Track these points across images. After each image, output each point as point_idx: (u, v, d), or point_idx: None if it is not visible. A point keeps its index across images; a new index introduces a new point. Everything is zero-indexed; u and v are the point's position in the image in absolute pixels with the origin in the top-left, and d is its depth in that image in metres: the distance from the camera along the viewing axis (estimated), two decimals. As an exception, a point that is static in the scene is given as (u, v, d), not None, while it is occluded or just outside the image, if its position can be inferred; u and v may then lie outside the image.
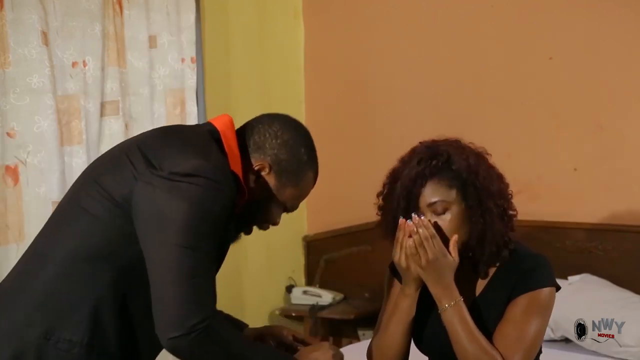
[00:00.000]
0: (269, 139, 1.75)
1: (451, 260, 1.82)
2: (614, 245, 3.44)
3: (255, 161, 1.74)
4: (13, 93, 2.86)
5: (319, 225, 4.33)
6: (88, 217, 1.62)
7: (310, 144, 1.82)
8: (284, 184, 1.75)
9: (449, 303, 1.82)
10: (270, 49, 4.20)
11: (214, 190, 1.58)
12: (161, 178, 1.58)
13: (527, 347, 1.82)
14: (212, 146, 1.68)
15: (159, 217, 1.56)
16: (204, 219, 1.56)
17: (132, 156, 1.64)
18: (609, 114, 3.56)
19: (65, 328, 1.59)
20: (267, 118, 1.80)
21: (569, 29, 3.63)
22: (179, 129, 1.82)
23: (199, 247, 1.55)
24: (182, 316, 1.52)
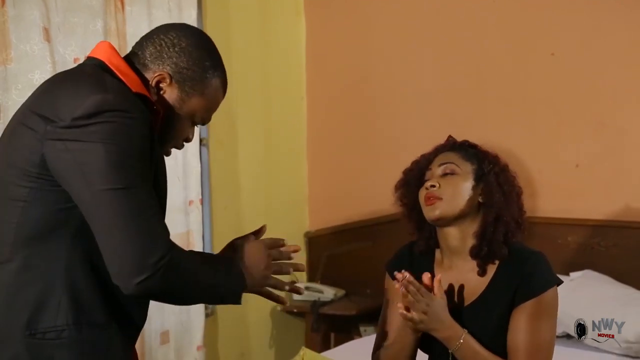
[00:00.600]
0: (166, 47, 1.62)
1: (439, 300, 1.85)
2: (615, 241, 3.44)
3: (153, 73, 1.61)
4: (15, 89, 2.86)
5: (321, 222, 4.33)
6: (15, 203, 1.53)
7: (213, 49, 1.68)
8: (188, 93, 1.63)
9: (458, 341, 1.85)
10: (271, 45, 4.20)
11: (125, 121, 1.48)
12: (65, 129, 1.47)
13: (545, 355, 1.85)
14: (104, 77, 1.55)
15: (81, 168, 1.46)
16: (126, 154, 1.47)
17: (27, 121, 1.54)
18: (611, 111, 3.56)
19: (45, 317, 1.52)
20: (162, 28, 1.67)
21: (571, 26, 3.63)
22: (63, 75, 1.66)
23: (131, 184, 1.46)
24: (141, 258, 1.44)
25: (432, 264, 2.00)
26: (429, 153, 1.99)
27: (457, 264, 1.95)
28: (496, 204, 1.89)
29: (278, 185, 4.22)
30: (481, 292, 1.91)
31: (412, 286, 1.83)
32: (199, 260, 1.59)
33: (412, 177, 1.98)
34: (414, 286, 1.83)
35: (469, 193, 1.90)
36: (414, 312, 1.83)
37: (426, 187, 1.91)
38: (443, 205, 1.88)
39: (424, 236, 2.00)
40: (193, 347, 3.53)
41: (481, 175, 1.91)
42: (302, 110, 4.38)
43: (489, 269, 1.92)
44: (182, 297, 1.62)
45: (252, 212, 4.02)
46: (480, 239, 1.91)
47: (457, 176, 1.90)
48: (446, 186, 1.89)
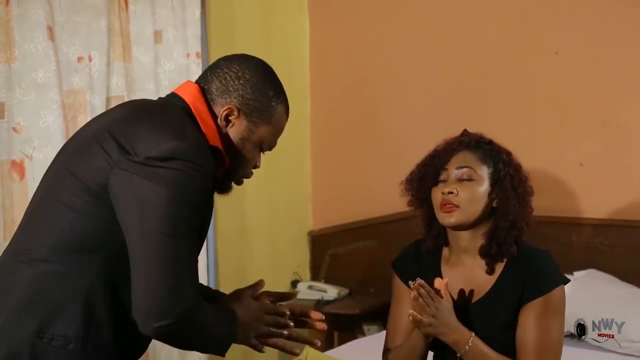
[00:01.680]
0: (231, 81, 1.69)
1: (446, 303, 1.86)
2: (619, 240, 3.44)
3: (221, 107, 1.68)
4: (19, 88, 2.86)
5: (324, 221, 4.33)
6: (67, 211, 1.58)
7: (274, 78, 1.76)
8: (256, 123, 1.70)
9: (467, 344, 1.85)
10: (275, 44, 4.20)
11: (192, 172, 1.53)
12: (137, 164, 1.53)
13: (554, 353, 1.86)
14: (186, 123, 1.62)
15: (139, 205, 1.51)
16: (185, 204, 1.53)
17: (104, 142, 1.58)
18: (615, 109, 3.55)
19: (58, 324, 1.55)
20: (224, 62, 1.73)
21: (574, 25, 3.62)
22: (148, 107, 1.71)
23: (181, 233, 1.52)
24: (169, 305, 1.50)
25: (439, 262, 2.00)
26: (445, 150, 1.96)
27: (465, 262, 1.95)
28: (512, 212, 1.90)
29: (281, 184, 4.21)
30: (489, 290, 1.92)
31: (424, 289, 1.84)
32: (212, 313, 1.64)
33: (426, 174, 1.96)
34: (425, 289, 1.84)
35: (485, 200, 1.90)
36: (424, 315, 1.83)
37: (443, 192, 1.90)
38: (459, 214, 1.88)
39: (432, 235, 2.00)
40: (197, 346, 3.53)
41: (497, 178, 1.91)
42: (306, 109, 4.38)
43: (497, 267, 1.92)
44: (193, 346, 1.65)
45: (256, 211, 4.02)
46: (490, 240, 1.91)
47: (474, 182, 1.90)
48: (463, 193, 1.88)
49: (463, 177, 1.90)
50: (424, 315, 1.83)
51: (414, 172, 2.00)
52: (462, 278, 1.95)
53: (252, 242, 4.05)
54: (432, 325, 1.84)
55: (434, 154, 1.97)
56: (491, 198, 1.91)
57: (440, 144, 1.99)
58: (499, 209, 1.91)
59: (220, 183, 1.72)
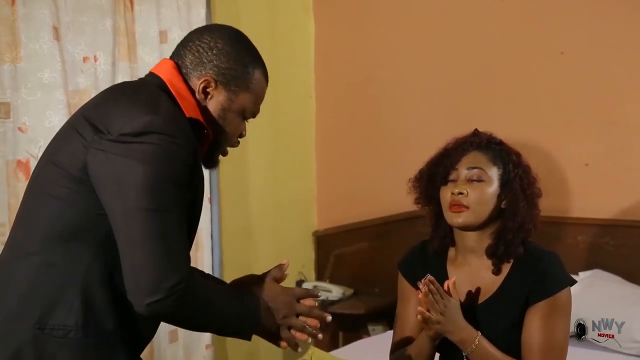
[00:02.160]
0: (204, 52, 1.66)
1: (454, 301, 1.86)
2: (625, 240, 3.43)
3: (197, 80, 1.65)
4: (25, 88, 2.87)
5: (329, 221, 4.33)
6: (52, 201, 1.58)
7: (248, 44, 1.73)
8: (235, 92, 1.68)
9: (473, 344, 1.86)
10: (280, 44, 4.20)
11: (168, 145, 1.51)
12: (111, 142, 1.51)
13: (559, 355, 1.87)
14: (160, 97, 1.60)
15: (117, 183, 1.50)
16: (163, 177, 1.50)
17: (79, 126, 1.58)
18: (620, 109, 3.54)
19: (57, 314, 1.54)
20: (196, 33, 1.71)
21: (580, 24, 3.62)
22: (122, 87, 1.72)
23: (163, 207, 1.49)
24: (158, 280, 1.47)
25: (445, 262, 2.00)
26: (455, 149, 1.95)
27: (471, 262, 1.96)
28: (520, 213, 1.90)
29: (286, 184, 4.22)
30: (495, 290, 1.92)
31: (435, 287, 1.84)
32: (216, 290, 1.62)
33: (436, 173, 1.96)
34: (435, 286, 1.84)
35: (494, 201, 1.90)
36: (432, 312, 1.83)
37: (452, 192, 1.90)
38: (468, 214, 1.89)
39: (439, 234, 2.00)
40: (202, 346, 3.54)
41: (506, 180, 1.91)
42: (311, 109, 4.38)
43: (504, 267, 1.92)
44: (192, 324, 1.64)
45: (261, 211, 4.03)
46: (497, 240, 1.91)
47: (484, 183, 1.90)
48: (472, 193, 1.88)
49: (473, 178, 1.90)
50: (432, 312, 1.83)
51: (424, 170, 2.00)
52: (469, 278, 1.95)
53: (257, 242, 4.05)
54: (440, 322, 1.84)
55: (444, 153, 1.96)
56: (500, 199, 1.91)
57: (450, 143, 1.98)
58: (508, 210, 1.91)
59: (206, 156, 1.71)
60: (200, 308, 1.56)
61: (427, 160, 2.00)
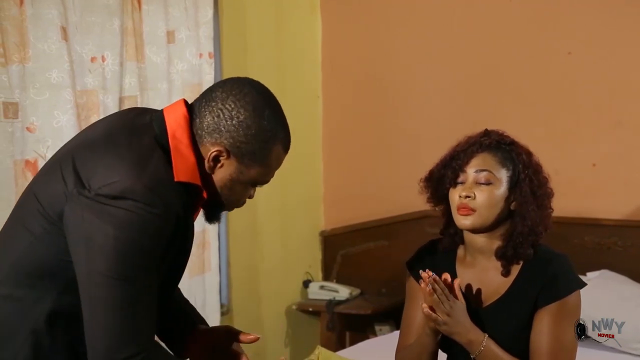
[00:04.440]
0: (223, 120, 1.56)
1: (460, 303, 1.85)
2: (633, 241, 3.42)
3: (211, 146, 1.56)
4: (33, 88, 2.87)
5: (336, 221, 4.33)
6: (26, 234, 1.54)
7: (272, 116, 1.60)
8: (248, 165, 1.59)
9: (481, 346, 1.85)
10: (287, 44, 4.20)
11: (143, 213, 1.45)
12: (88, 199, 1.47)
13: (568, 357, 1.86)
14: (152, 157, 1.52)
15: (87, 244, 1.46)
16: (134, 247, 1.45)
17: (65, 169, 1.53)
18: (628, 110, 3.54)
19: (6, 351, 1.52)
20: (221, 93, 1.59)
21: (588, 24, 3.61)
22: (117, 133, 1.58)
23: (130, 276, 1.45)
24: (112, 350, 1.44)
25: (454, 262, 1.99)
26: (464, 151, 1.93)
27: (480, 262, 1.95)
28: (530, 217, 1.88)
29: (293, 184, 4.22)
30: (504, 292, 1.90)
31: (439, 286, 1.83)
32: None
33: (445, 174, 1.94)
34: (440, 286, 1.83)
35: (502, 203, 1.89)
36: (438, 312, 1.83)
37: (460, 195, 1.89)
38: (476, 217, 1.87)
39: (449, 232, 1.99)
40: (208, 346, 3.54)
41: (515, 182, 1.90)
42: (318, 108, 4.38)
43: (513, 269, 1.91)
44: None
45: (268, 210, 4.03)
46: (507, 242, 1.90)
47: (492, 186, 1.88)
48: (480, 196, 1.87)
49: (481, 181, 1.88)
50: (438, 312, 1.83)
51: (433, 171, 1.99)
52: (477, 279, 1.94)
53: (264, 242, 4.06)
54: (447, 324, 1.83)
55: (454, 155, 1.94)
56: (509, 201, 1.89)
57: (461, 142, 1.97)
58: (517, 213, 1.89)
59: (207, 212, 1.66)
60: None
61: (438, 161, 1.99)
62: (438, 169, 1.97)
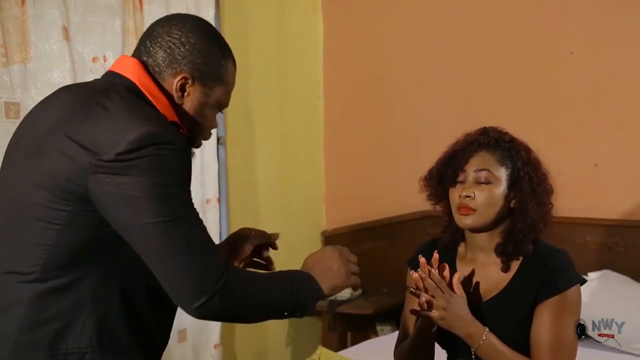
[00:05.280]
0: (176, 49, 1.60)
1: (458, 297, 1.85)
2: (634, 241, 3.42)
3: (173, 78, 1.60)
4: (34, 88, 2.88)
5: (337, 221, 4.33)
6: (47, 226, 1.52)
7: (217, 35, 1.69)
8: (210, 86, 1.63)
9: (480, 339, 1.85)
10: (289, 44, 4.20)
11: (167, 152, 1.49)
12: (110, 163, 1.47)
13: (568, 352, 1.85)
14: (141, 106, 1.55)
15: (128, 203, 1.47)
16: (171, 186, 1.49)
17: (62, 146, 1.51)
18: (629, 110, 3.54)
19: (69, 338, 1.52)
20: (161, 28, 1.63)
21: (589, 24, 3.61)
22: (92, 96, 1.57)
23: (179, 214, 1.49)
24: (198, 284, 1.48)
25: (454, 258, 2.00)
26: (463, 150, 1.94)
27: (480, 259, 1.96)
28: (530, 214, 1.89)
29: (295, 184, 4.22)
30: (504, 287, 1.91)
31: (433, 278, 1.83)
32: (259, 278, 1.62)
33: (444, 174, 1.95)
34: (434, 279, 1.83)
35: (502, 202, 1.89)
36: (434, 308, 1.83)
37: (460, 194, 1.90)
38: (476, 217, 1.88)
39: (450, 230, 2.00)
40: (210, 345, 3.54)
41: (515, 179, 1.90)
42: (319, 109, 4.38)
43: (513, 264, 1.92)
44: (246, 316, 1.64)
45: (269, 210, 4.03)
46: (507, 239, 1.91)
47: (492, 185, 1.89)
48: (480, 196, 1.88)
49: (481, 180, 1.89)
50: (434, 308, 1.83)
51: (433, 170, 1.99)
52: (477, 274, 1.95)
53: (266, 242, 4.05)
54: (444, 318, 1.84)
55: (453, 154, 1.95)
56: (509, 199, 1.90)
57: (459, 141, 1.97)
58: (517, 211, 1.90)
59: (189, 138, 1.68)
60: (248, 298, 1.56)
61: (437, 160, 2.00)
62: (437, 168, 1.97)
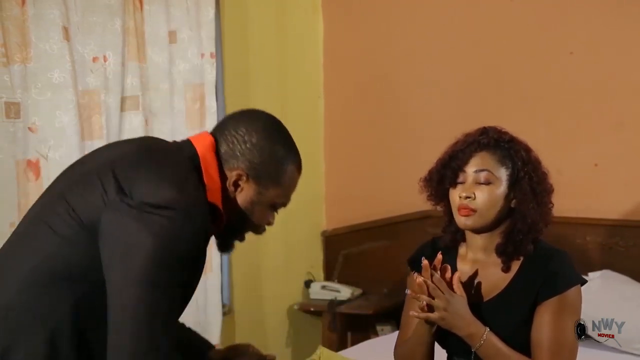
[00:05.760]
0: (238, 145, 1.66)
1: (458, 297, 1.85)
2: (635, 241, 3.42)
3: (230, 172, 1.66)
4: (34, 88, 2.88)
5: (338, 221, 4.33)
6: (53, 236, 1.56)
7: (282, 137, 1.71)
8: (265, 186, 1.68)
9: (480, 339, 1.85)
10: (289, 44, 4.20)
11: (184, 225, 1.50)
12: (131, 207, 1.50)
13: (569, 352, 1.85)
14: (190, 176, 1.60)
15: (125, 248, 1.49)
16: (170, 256, 1.49)
17: (104, 178, 1.56)
18: (630, 110, 3.53)
19: (21, 350, 1.52)
20: (232, 122, 1.70)
21: (590, 24, 3.61)
22: (157, 151, 1.67)
23: (161, 284, 1.48)
24: (136, 357, 1.46)
25: (455, 258, 2.00)
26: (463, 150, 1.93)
27: (481, 259, 1.96)
28: (530, 215, 1.89)
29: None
30: (504, 287, 1.91)
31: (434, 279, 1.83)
32: None
33: (444, 175, 1.95)
34: (434, 280, 1.83)
35: (503, 202, 1.89)
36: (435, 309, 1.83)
37: (460, 195, 1.90)
38: (477, 217, 1.88)
39: (451, 230, 2.00)
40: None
41: (515, 179, 1.90)
42: (320, 108, 4.38)
43: (513, 265, 1.92)
44: None
45: (269, 210, 4.02)
46: (507, 240, 1.91)
47: (492, 185, 1.88)
48: (481, 196, 1.88)
49: (481, 181, 1.89)
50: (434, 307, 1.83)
51: (433, 171, 1.99)
52: (478, 275, 1.95)
53: (266, 242, 4.04)
54: (445, 318, 1.84)
55: (452, 154, 1.95)
56: (509, 200, 1.90)
57: (459, 141, 1.97)
58: (517, 211, 1.90)
59: (221, 240, 1.72)
60: None
61: (436, 160, 1.99)
62: (437, 169, 1.97)
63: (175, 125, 3.40)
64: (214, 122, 3.53)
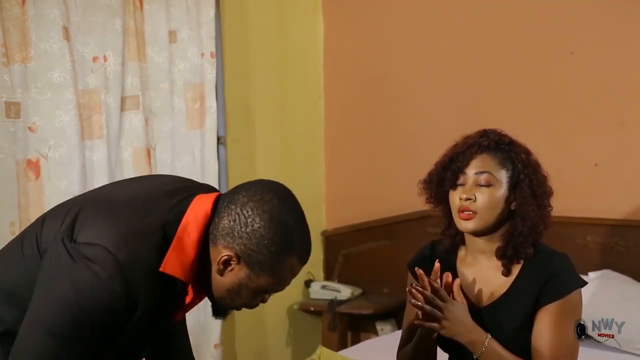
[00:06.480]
0: (238, 226, 1.54)
1: (458, 304, 1.85)
2: (635, 240, 3.42)
3: (223, 249, 1.55)
4: (35, 88, 2.88)
5: (338, 220, 4.33)
6: (20, 253, 1.60)
7: (288, 225, 1.56)
8: (258, 273, 1.55)
9: (482, 346, 1.84)
10: (289, 44, 4.20)
11: (106, 284, 1.45)
12: (66, 249, 1.48)
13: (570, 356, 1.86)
14: (147, 238, 1.51)
15: (46, 287, 1.48)
16: (81, 313, 1.45)
17: (69, 213, 1.56)
18: (630, 109, 3.53)
19: None
20: (242, 198, 1.57)
21: (590, 24, 3.60)
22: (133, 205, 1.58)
23: (64, 338, 1.45)
24: None
25: (455, 262, 1.99)
26: (463, 152, 1.93)
27: (481, 263, 1.95)
28: (530, 217, 1.88)
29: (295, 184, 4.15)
30: (505, 291, 1.91)
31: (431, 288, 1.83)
32: None
33: (444, 177, 1.95)
34: (433, 290, 1.83)
35: (503, 204, 1.89)
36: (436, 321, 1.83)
37: (460, 197, 1.90)
38: (477, 220, 1.88)
39: (450, 234, 2.00)
40: (210, 345, 3.54)
41: (515, 182, 1.90)
42: (320, 108, 4.38)
43: (513, 268, 1.92)
44: None
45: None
46: (507, 243, 1.90)
47: (493, 187, 1.88)
48: (481, 199, 1.87)
49: (481, 183, 1.88)
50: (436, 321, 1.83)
51: (432, 173, 1.99)
52: (478, 279, 1.94)
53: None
54: (445, 327, 1.83)
55: (452, 156, 1.94)
56: (509, 202, 1.90)
57: (459, 143, 1.97)
58: (517, 213, 1.89)
59: (214, 308, 1.66)
60: None
61: (436, 162, 1.99)
62: (437, 171, 1.97)
63: (175, 125, 3.40)
64: (214, 121, 3.54)
